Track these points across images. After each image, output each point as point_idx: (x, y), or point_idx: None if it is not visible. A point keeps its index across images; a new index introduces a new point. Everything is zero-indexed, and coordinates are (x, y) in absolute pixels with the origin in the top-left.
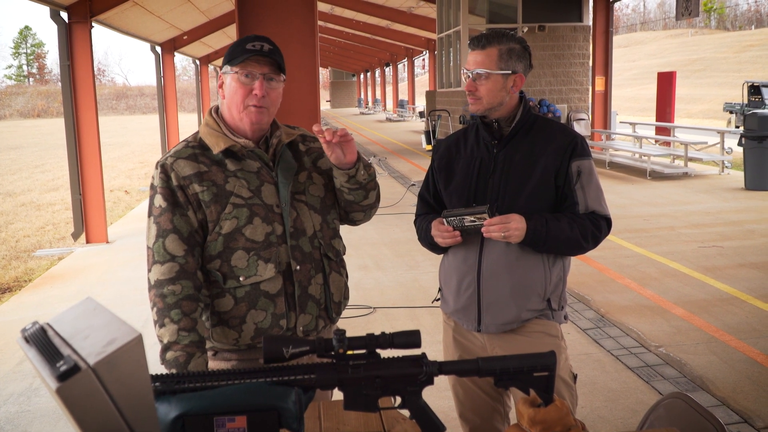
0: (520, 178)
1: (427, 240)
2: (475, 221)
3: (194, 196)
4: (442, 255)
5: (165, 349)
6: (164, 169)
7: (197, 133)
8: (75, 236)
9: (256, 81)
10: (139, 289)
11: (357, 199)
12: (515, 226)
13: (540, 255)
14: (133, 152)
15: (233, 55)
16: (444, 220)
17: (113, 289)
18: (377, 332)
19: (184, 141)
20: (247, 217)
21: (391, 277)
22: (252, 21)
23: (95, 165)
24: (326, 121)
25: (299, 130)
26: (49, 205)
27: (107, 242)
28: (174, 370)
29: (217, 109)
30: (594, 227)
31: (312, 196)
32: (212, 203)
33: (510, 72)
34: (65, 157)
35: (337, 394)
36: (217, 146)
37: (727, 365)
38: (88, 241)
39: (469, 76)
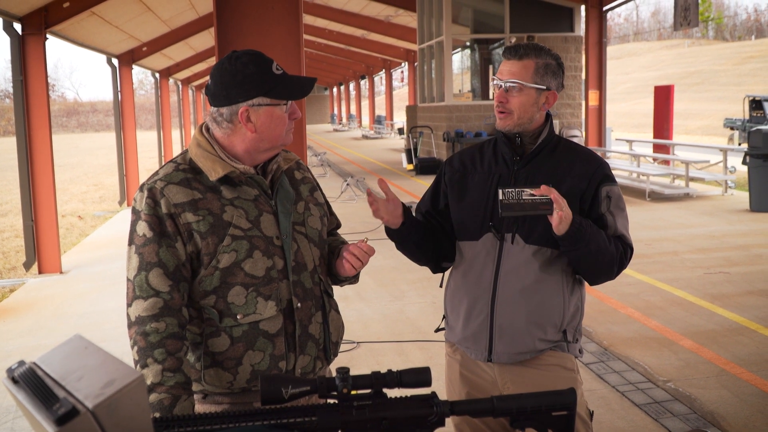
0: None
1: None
2: (534, 196)
3: (186, 226)
4: (444, 284)
5: (148, 390)
6: (152, 193)
7: (185, 153)
8: (27, 266)
9: (289, 105)
10: (98, 323)
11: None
12: (568, 210)
13: (559, 281)
14: (86, 174)
15: (268, 86)
16: (501, 191)
17: (70, 324)
18: (362, 369)
19: (172, 162)
20: (247, 250)
21: (374, 309)
22: (231, 30)
23: (48, 188)
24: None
25: (294, 156)
26: None
27: (61, 272)
28: (157, 414)
29: (208, 128)
30: (623, 251)
31: (311, 228)
32: (209, 234)
33: (544, 88)
34: (14, 180)
35: None
36: (214, 172)
37: (739, 399)
38: (40, 272)
39: (500, 86)
